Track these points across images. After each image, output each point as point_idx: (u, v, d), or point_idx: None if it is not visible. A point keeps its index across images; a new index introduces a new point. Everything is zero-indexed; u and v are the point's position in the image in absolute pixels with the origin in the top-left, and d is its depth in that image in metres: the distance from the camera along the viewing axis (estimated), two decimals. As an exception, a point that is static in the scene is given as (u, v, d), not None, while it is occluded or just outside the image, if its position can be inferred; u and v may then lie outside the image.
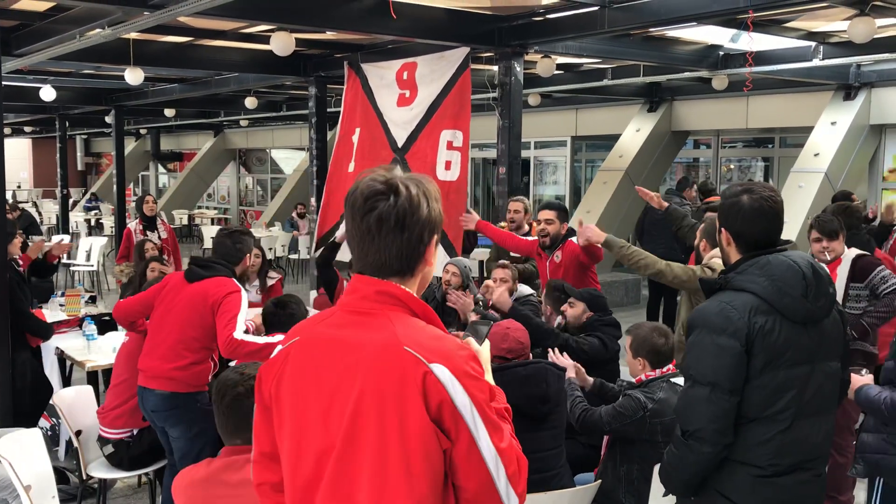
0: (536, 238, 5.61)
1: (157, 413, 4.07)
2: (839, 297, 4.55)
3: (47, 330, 5.15)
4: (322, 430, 1.71)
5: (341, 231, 5.69)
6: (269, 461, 1.85)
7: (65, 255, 12.77)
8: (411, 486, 1.63)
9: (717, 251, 4.14)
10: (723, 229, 2.58)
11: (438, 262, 7.75)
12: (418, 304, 1.75)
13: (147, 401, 4.09)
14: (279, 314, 4.12)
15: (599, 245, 4.76)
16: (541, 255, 5.61)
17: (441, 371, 1.64)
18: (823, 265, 2.55)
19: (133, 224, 8.88)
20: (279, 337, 3.85)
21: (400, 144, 8.04)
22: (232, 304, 3.95)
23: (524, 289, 5.34)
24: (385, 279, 1.73)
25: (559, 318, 4.68)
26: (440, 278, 6.17)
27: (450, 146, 7.46)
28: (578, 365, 3.87)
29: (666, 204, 5.44)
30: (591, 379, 3.90)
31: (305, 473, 1.74)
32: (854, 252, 4.78)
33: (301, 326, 1.86)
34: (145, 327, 4.34)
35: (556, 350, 3.95)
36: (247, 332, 4.05)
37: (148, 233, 8.64)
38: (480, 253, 7.45)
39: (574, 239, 5.28)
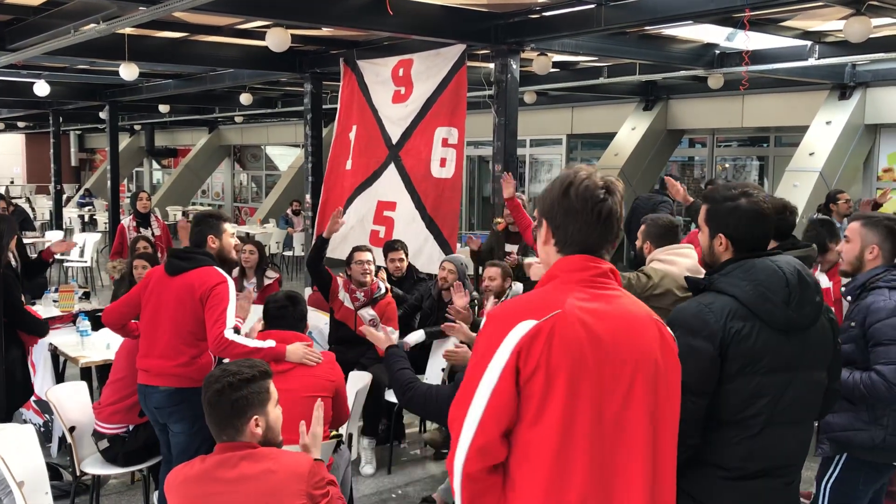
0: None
1: (161, 410, 4.03)
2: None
3: (43, 326, 5.10)
4: (605, 392, 1.90)
5: (332, 223, 5.61)
6: (500, 444, 1.90)
7: (59, 253, 12.78)
8: (675, 431, 2.03)
9: (657, 253, 4.12)
10: (720, 234, 2.49)
11: (434, 259, 7.66)
12: (619, 282, 2.05)
13: (150, 398, 4.04)
14: (290, 309, 3.97)
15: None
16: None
17: (671, 334, 2.06)
18: (811, 273, 2.49)
19: (127, 220, 8.85)
20: (270, 342, 3.76)
21: (394, 141, 8.02)
22: (220, 298, 3.88)
23: (519, 287, 5.34)
24: (601, 259, 2.02)
25: None
26: (435, 276, 6.15)
27: (445, 143, 7.45)
28: None
29: (691, 199, 5.42)
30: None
31: (583, 435, 1.88)
32: None
33: (555, 302, 1.92)
34: (138, 332, 4.29)
35: None
36: (237, 330, 3.99)
37: (142, 229, 8.61)
38: (476, 250, 7.43)
39: None
